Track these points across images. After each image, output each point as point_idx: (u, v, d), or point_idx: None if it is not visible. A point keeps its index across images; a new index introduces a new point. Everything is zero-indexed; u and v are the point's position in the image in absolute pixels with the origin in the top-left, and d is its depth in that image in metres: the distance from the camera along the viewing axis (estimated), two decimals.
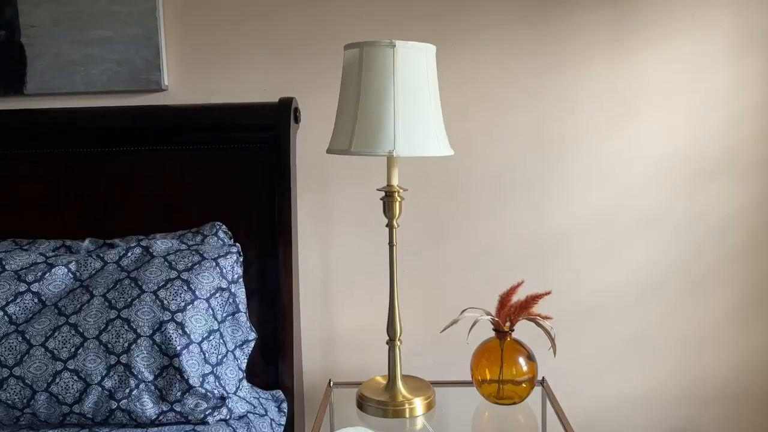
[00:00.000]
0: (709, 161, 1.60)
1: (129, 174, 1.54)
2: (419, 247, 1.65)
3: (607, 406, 1.66)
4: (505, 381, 1.39)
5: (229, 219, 1.50)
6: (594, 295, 1.65)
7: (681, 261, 1.63)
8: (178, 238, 1.38)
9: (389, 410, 1.38)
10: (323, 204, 1.65)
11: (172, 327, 1.21)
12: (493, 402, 1.41)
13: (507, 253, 1.64)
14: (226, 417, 1.22)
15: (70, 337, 1.20)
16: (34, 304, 1.26)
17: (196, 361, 1.22)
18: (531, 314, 1.41)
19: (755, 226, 1.61)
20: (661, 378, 1.66)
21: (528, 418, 1.40)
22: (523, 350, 1.40)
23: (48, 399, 1.19)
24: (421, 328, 1.64)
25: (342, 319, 1.68)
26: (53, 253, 1.34)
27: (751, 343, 1.64)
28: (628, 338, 1.65)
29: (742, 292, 1.63)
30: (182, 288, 1.25)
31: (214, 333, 1.26)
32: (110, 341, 1.20)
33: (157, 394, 1.20)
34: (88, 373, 1.19)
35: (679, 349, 1.65)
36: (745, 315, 1.63)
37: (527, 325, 1.42)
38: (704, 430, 1.66)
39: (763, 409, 1.65)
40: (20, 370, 1.19)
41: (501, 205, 1.63)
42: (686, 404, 1.66)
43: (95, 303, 1.23)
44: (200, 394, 1.20)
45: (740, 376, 1.65)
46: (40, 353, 1.20)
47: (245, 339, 1.34)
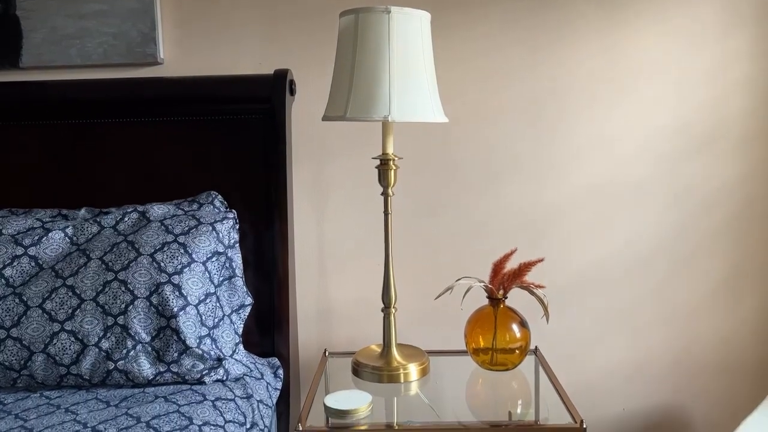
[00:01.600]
0: (698, 136, 1.63)
1: (124, 146, 1.55)
2: (414, 220, 1.66)
3: (598, 376, 1.68)
4: (498, 350, 1.41)
5: (224, 191, 1.51)
6: (586, 267, 1.67)
7: (670, 234, 1.65)
8: (174, 206, 1.39)
9: (384, 375, 1.39)
10: (319, 177, 1.66)
11: (169, 289, 1.22)
12: (487, 368, 1.43)
13: (500, 226, 1.66)
14: (223, 378, 1.23)
15: (67, 299, 1.21)
16: (31, 268, 1.26)
17: (193, 323, 1.23)
18: (524, 282, 1.43)
19: (743, 199, 1.64)
20: (652, 349, 1.68)
21: (521, 385, 1.41)
22: (516, 317, 1.42)
23: (45, 360, 1.20)
24: (416, 300, 1.65)
25: (337, 292, 1.69)
26: (50, 219, 1.35)
27: (739, 315, 1.67)
28: (618, 310, 1.67)
29: (731, 264, 1.66)
30: (179, 251, 1.26)
31: (211, 296, 1.27)
32: (107, 303, 1.21)
33: (154, 355, 1.21)
34: (86, 335, 1.20)
35: (669, 321, 1.67)
36: (734, 287, 1.66)
37: (521, 296, 1.44)
38: (693, 400, 1.69)
39: (750, 380, 1.68)
40: (17, 331, 1.20)
41: (494, 178, 1.65)
42: (676, 375, 1.68)
43: (92, 266, 1.24)
44: (197, 355, 1.21)
45: (728, 348, 1.67)
46: (38, 315, 1.20)
47: (242, 304, 1.35)
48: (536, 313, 1.43)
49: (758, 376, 1.67)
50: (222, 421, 1.09)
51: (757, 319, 1.66)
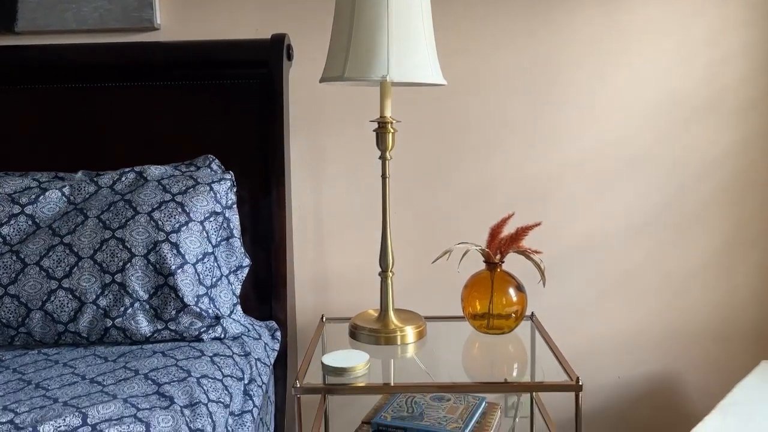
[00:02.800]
0: (695, 104, 1.63)
1: (121, 111, 1.54)
2: (411, 186, 1.66)
3: (593, 343, 1.70)
4: (495, 315, 1.41)
5: (221, 156, 1.51)
6: (582, 236, 1.67)
7: (667, 203, 1.66)
8: (171, 167, 1.39)
9: (381, 337, 1.40)
10: (316, 145, 1.66)
11: (167, 247, 1.22)
12: (483, 332, 1.44)
13: (498, 193, 1.66)
14: (221, 336, 1.24)
15: (64, 257, 1.21)
16: (28, 226, 1.26)
17: (191, 282, 1.23)
18: (521, 247, 1.43)
19: (740, 168, 1.64)
20: (647, 317, 1.69)
21: (517, 348, 1.42)
22: (513, 281, 1.43)
23: (43, 317, 1.20)
24: (413, 266, 1.66)
25: (334, 259, 1.70)
26: (46, 180, 1.34)
27: (734, 283, 1.68)
28: (614, 278, 1.68)
29: (726, 233, 1.66)
30: (176, 210, 1.26)
31: (209, 256, 1.28)
32: (105, 260, 1.21)
33: (152, 312, 1.21)
34: (83, 292, 1.20)
35: (665, 289, 1.68)
36: (729, 256, 1.67)
37: (518, 264, 1.44)
38: (688, 368, 1.70)
39: (745, 347, 1.69)
40: (15, 288, 1.20)
41: (491, 146, 1.65)
42: (671, 342, 1.70)
43: (89, 224, 1.24)
44: (195, 312, 1.22)
45: (724, 316, 1.69)
46: (35, 272, 1.20)
47: (239, 265, 1.35)
48: (533, 280, 1.44)
49: (752, 343, 1.69)
50: (220, 375, 1.10)
51: (752, 287, 1.68)
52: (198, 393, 1.01)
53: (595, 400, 1.71)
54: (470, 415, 1.36)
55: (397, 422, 1.33)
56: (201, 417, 0.97)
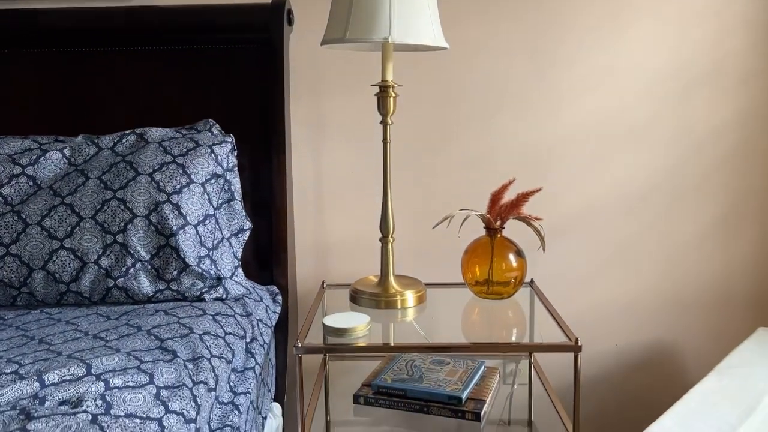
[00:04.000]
0: (697, 73, 1.62)
1: (119, 76, 1.53)
2: (412, 154, 1.66)
3: (592, 311, 1.71)
4: (495, 282, 1.42)
5: (221, 122, 1.50)
6: (582, 205, 1.68)
7: (668, 172, 1.66)
8: (172, 130, 1.38)
9: (381, 301, 1.41)
10: (316, 111, 1.66)
11: (168, 208, 1.22)
12: (483, 297, 1.45)
13: (498, 160, 1.66)
14: (223, 296, 1.25)
15: (66, 217, 1.21)
16: (29, 187, 1.26)
17: (192, 243, 1.23)
18: (521, 214, 1.43)
19: (740, 138, 1.64)
20: (645, 285, 1.70)
21: (516, 313, 1.43)
22: (512, 247, 1.43)
23: (45, 277, 1.20)
24: (414, 233, 1.67)
25: (335, 227, 1.70)
26: (47, 142, 1.34)
27: (732, 253, 1.69)
28: (613, 247, 1.69)
29: (726, 202, 1.67)
30: (177, 171, 1.26)
31: (210, 218, 1.28)
32: (106, 221, 1.21)
33: (154, 273, 1.22)
34: (85, 252, 1.20)
35: (663, 258, 1.69)
36: (729, 224, 1.68)
37: (518, 232, 1.44)
38: (685, 336, 1.72)
39: (742, 316, 1.70)
40: (16, 248, 1.20)
41: (492, 114, 1.65)
42: (668, 311, 1.71)
43: (90, 185, 1.24)
44: (196, 273, 1.22)
45: (721, 284, 1.70)
46: (36, 232, 1.20)
47: (240, 228, 1.35)
48: (533, 248, 1.45)
49: (749, 311, 1.70)
50: (222, 332, 1.10)
51: (750, 256, 1.69)
52: (200, 348, 1.02)
53: (593, 367, 1.73)
54: (469, 377, 1.37)
55: (397, 384, 1.34)
56: (204, 371, 0.97)
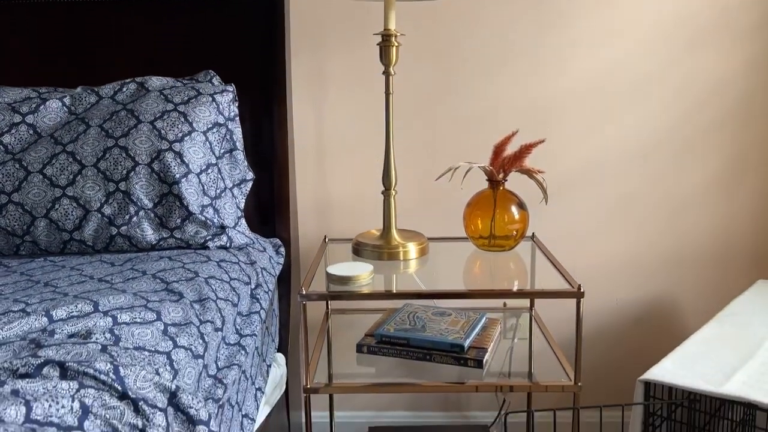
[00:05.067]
0: (700, 27, 1.61)
1: (116, 27, 1.51)
2: (415, 109, 1.65)
3: (593, 267, 1.71)
4: (497, 235, 1.42)
5: (221, 73, 1.48)
6: (584, 160, 1.67)
7: (670, 127, 1.66)
8: (173, 79, 1.37)
9: (384, 253, 1.41)
10: (317, 64, 1.64)
11: (171, 156, 1.21)
12: (485, 250, 1.45)
13: (501, 116, 1.65)
14: (226, 245, 1.25)
15: (67, 165, 1.20)
16: (29, 135, 1.25)
17: (195, 191, 1.23)
18: (524, 166, 1.43)
19: (743, 92, 1.64)
20: (647, 240, 1.71)
21: (518, 265, 1.44)
22: (515, 199, 1.43)
23: (48, 226, 1.20)
24: (416, 189, 1.66)
25: (336, 184, 1.70)
26: (46, 91, 1.33)
27: (734, 208, 1.69)
28: (615, 202, 1.69)
29: (729, 157, 1.67)
30: (179, 119, 1.25)
31: (212, 167, 1.27)
32: (108, 169, 1.20)
33: (157, 221, 1.21)
34: (87, 200, 1.20)
35: (665, 213, 1.70)
36: (730, 180, 1.68)
37: (520, 187, 1.44)
38: (686, 290, 1.73)
39: (742, 271, 1.71)
40: (19, 196, 1.20)
41: (496, 68, 1.63)
42: (669, 266, 1.72)
43: (92, 133, 1.23)
44: (200, 221, 1.22)
45: (723, 239, 1.70)
46: (38, 180, 1.20)
47: (243, 178, 1.35)
48: (535, 202, 1.45)
49: (749, 267, 1.71)
50: (227, 277, 1.11)
51: (751, 211, 1.69)
52: (206, 290, 1.02)
53: (594, 322, 1.74)
54: (471, 327, 1.38)
55: (399, 333, 1.35)
56: (210, 311, 0.98)
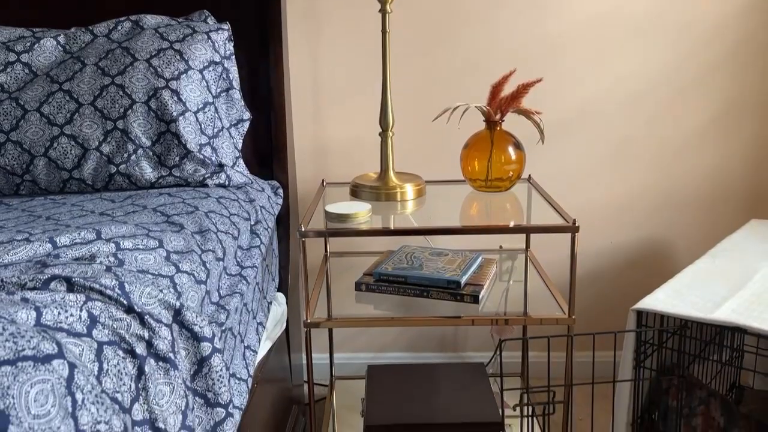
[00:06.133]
0: None
1: None
2: (412, 50, 1.64)
3: (588, 209, 1.73)
4: (494, 179, 1.43)
5: (216, 14, 1.47)
6: (582, 102, 1.67)
7: (669, 69, 1.65)
8: (167, 18, 1.36)
9: (381, 194, 1.43)
10: (312, 6, 1.62)
11: (167, 94, 1.21)
12: (482, 191, 1.47)
13: (499, 57, 1.64)
14: (225, 183, 1.26)
15: (64, 103, 1.20)
16: (25, 74, 1.25)
17: (193, 130, 1.23)
18: (521, 106, 1.43)
19: (742, 35, 1.63)
20: (643, 183, 1.72)
21: (514, 205, 1.45)
22: (511, 139, 1.44)
23: (47, 165, 1.21)
24: (413, 131, 1.67)
25: (333, 129, 1.70)
26: (39, 30, 1.31)
27: (730, 151, 1.70)
28: (612, 144, 1.70)
29: (726, 99, 1.67)
30: (175, 57, 1.24)
31: (209, 106, 1.27)
32: (105, 107, 1.20)
33: (156, 159, 1.22)
34: (86, 139, 1.20)
35: (661, 156, 1.70)
36: (727, 123, 1.68)
37: (517, 128, 1.44)
38: (680, 232, 1.75)
39: (736, 213, 1.73)
40: (17, 135, 1.20)
41: (494, 7, 1.62)
42: (664, 208, 1.74)
43: (88, 71, 1.22)
44: (198, 159, 1.23)
45: (718, 182, 1.72)
46: (36, 118, 1.20)
47: (240, 118, 1.35)
48: (531, 143, 1.45)
49: (744, 209, 1.73)
50: (227, 213, 1.12)
51: (747, 154, 1.70)
52: (207, 223, 1.04)
53: (588, 265, 1.77)
54: (468, 265, 1.41)
55: (397, 271, 1.38)
56: (211, 241, 0.99)
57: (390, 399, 1.44)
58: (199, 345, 0.78)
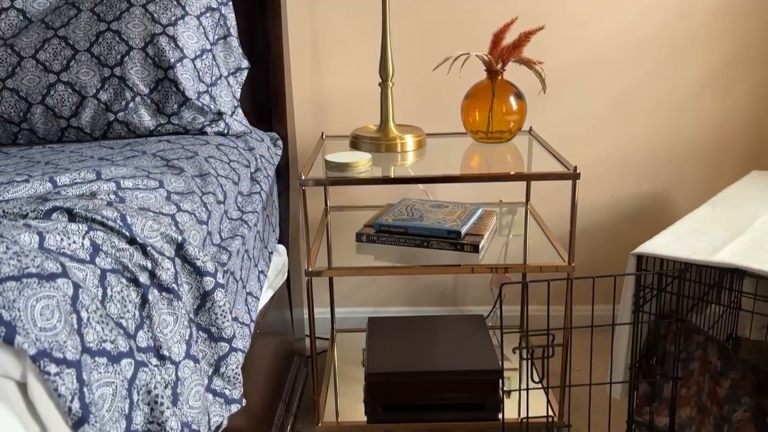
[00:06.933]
0: None
1: None
2: (411, 1, 1.62)
3: (589, 163, 1.73)
4: (494, 131, 1.42)
5: None
6: (583, 53, 1.65)
7: (672, 18, 1.63)
8: None
9: (382, 145, 1.42)
10: None
11: (165, 40, 1.20)
12: (483, 142, 1.46)
13: (500, 6, 1.62)
14: (224, 131, 1.25)
15: (60, 50, 1.19)
16: (19, 21, 1.23)
17: (191, 77, 1.22)
18: (523, 57, 1.42)
19: None
20: (644, 135, 1.71)
21: (515, 156, 1.44)
22: (513, 89, 1.42)
23: (44, 112, 1.20)
24: (413, 83, 1.65)
25: (333, 82, 1.68)
26: None
27: (731, 102, 1.69)
28: (613, 97, 1.68)
29: (730, 50, 1.65)
30: (172, 3, 1.22)
31: (207, 53, 1.26)
32: (102, 53, 1.19)
33: (154, 107, 1.21)
34: (83, 86, 1.19)
35: (662, 108, 1.69)
36: (728, 75, 1.67)
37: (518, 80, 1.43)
38: (680, 185, 1.75)
39: (737, 165, 1.73)
40: (13, 82, 1.18)
41: None
42: (665, 161, 1.73)
43: (83, 17, 1.20)
44: (197, 107, 1.22)
45: (719, 135, 1.71)
46: (32, 65, 1.18)
47: (238, 66, 1.33)
48: (533, 95, 1.44)
49: (745, 161, 1.72)
50: (226, 159, 1.12)
51: (748, 106, 1.69)
52: (207, 167, 1.03)
53: (588, 219, 1.77)
54: (468, 217, 1.41)
55: (398, 222, 1.38)
56: (212, 184, 0.99)
57: (390, 349, 1.45)
58: (201, 280, 0.78)
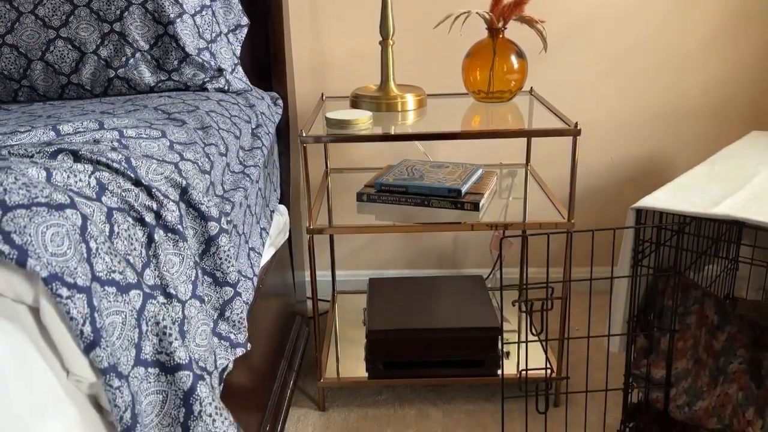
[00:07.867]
0: None
1: None
2: None
3: (594, 121, 1.73)
4: (495, 92, 1.42)
5: None
6: (584, 12, 1.64)
7: None
8: None
9: (382, 104, 1.42)
10: None
11: None
12: (484, 101, 1.46)
13: None
14: (224, 88, 1.25)
15: (59, 5, 1.18)
16: None
17: (191, 33, 1.21)
18: (524, 16, 1.41)
19: None
20: (645, 97, 1.71)
21: (515, 115, 1.44)
22: (514, 48, 1.42)
23: (44, 69, 1.19)
24: (414, 43, 1.64)
25: (333, 42, 1.67)
26: None
27: (733, 62, 1.68)
28: (614, 57, 1.68)
29: (731, 10, 1.64)
30: None
31: (207, 9, 1.25)
32: (101, 9, 1.18)
33: (154, 63, 1.21)
34: (82, 42, 1.18)
35: (664, 68, 1.69)
36: (731, 34, 1.66)
37: (521, 37, 1.42)
38: (681, 146, 1.75)
39: (739, 126, 1.73)
40: (12, 38, 1.18)
41: None
42: (666, 122, 1.73)
43: None
44: (197, 63, 1.21)
45: (724, 94, 1.70)
46: (31, 21, 1.18)
47: (238, 23, 1.33)
48: (534, 54, 1.43)
49: (746, 123, 1.72)
50: (228, 114, 1.12)
51: (751, 64, 1.68)
52: (208, 120, 1.03)
53: (588, 180, 1.78)
54: (468, 176, 1.41)
55: (399, 182, 1.38)
56: (214, 137, 0.99)
57: (391, 308, 1.47)
58: (206, 224, 0.79)
